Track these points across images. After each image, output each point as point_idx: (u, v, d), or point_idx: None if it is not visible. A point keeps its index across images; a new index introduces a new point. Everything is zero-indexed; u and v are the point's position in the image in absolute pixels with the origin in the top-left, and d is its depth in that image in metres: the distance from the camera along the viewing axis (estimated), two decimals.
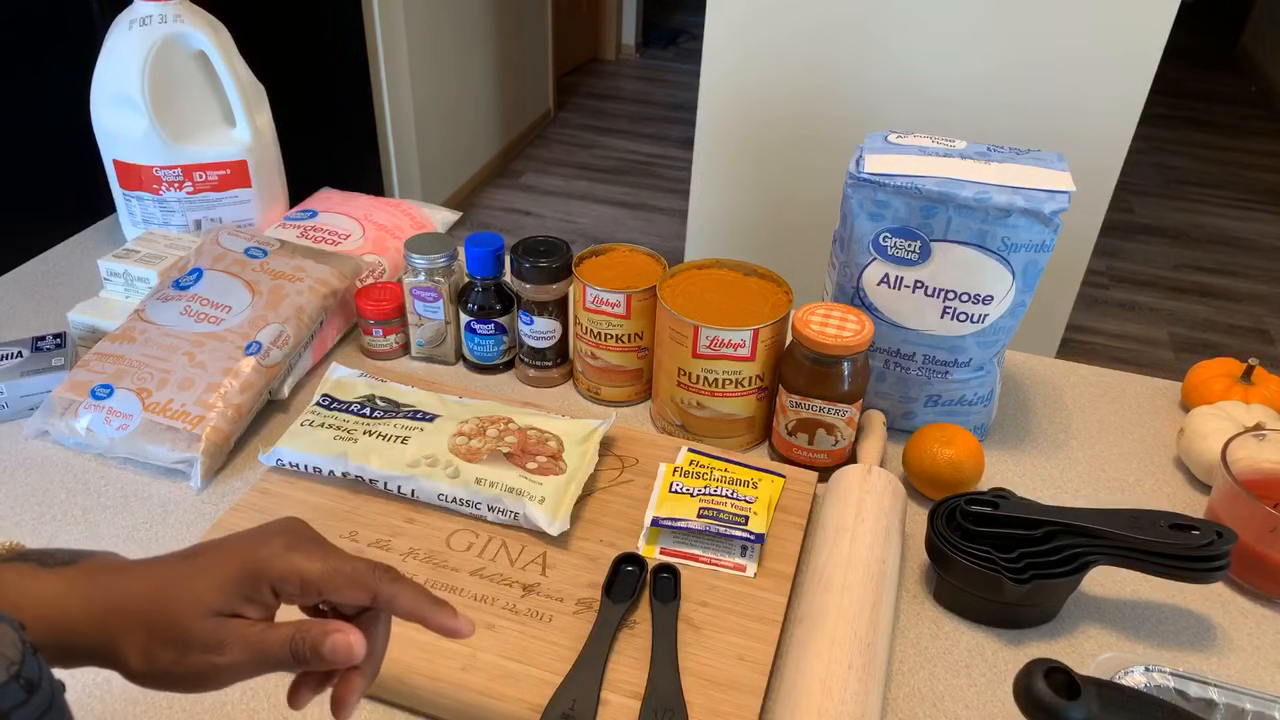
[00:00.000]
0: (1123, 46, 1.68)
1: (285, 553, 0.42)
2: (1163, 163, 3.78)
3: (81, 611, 0.40)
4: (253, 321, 0.85)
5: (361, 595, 0.43)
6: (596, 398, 0.92)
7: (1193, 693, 0.60)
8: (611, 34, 4.67)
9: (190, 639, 0.40)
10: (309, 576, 0.42)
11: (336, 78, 2.62)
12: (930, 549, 0.71)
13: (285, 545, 0.42)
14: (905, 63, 1.81)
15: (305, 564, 0.42)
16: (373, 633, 0.45)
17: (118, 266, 0.96)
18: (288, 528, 0.44)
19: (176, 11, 0.99)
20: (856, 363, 0.78)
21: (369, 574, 0.43)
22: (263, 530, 0.44)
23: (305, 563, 0.42)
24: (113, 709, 0.61)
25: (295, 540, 0.43)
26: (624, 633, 0.64)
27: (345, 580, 0.42)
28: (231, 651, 0.40)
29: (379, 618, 0.46)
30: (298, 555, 0.42)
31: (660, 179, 3.54)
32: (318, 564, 0.42)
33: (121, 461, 0.81)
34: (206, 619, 0.40)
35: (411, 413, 0.80)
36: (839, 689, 0.58)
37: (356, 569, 0.43)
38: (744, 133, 1.97)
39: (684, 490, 0.75)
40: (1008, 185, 0.76)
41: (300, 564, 0.42)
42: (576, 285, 0.87)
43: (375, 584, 0.43)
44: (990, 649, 0.68)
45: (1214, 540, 0.65)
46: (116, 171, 1.04)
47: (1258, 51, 4.86)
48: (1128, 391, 0.97)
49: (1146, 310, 2.82)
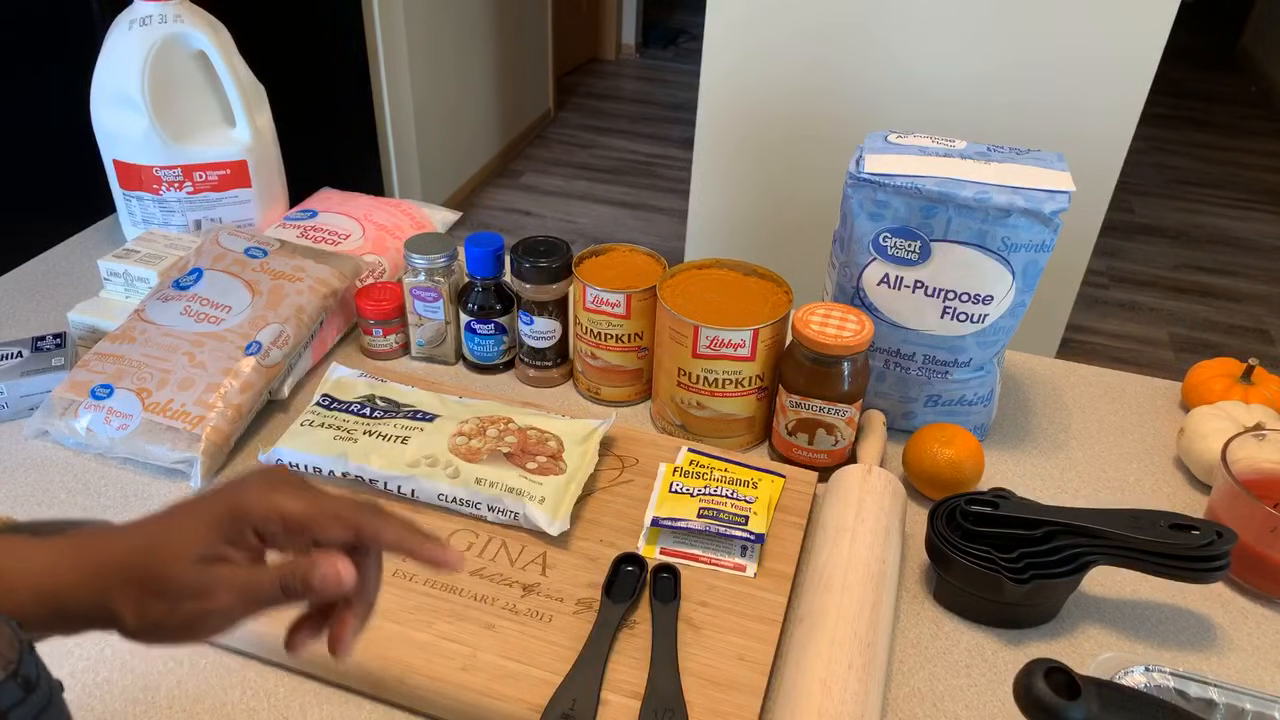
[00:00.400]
0: (1123, 46, 1.68)
1: (266, 493, 0.42)
2: (1163, 163, 3.78)
3: (73, 576, 0.40)
4: (253, 321, 0.85)
5: (345, 531, 0.43)
6: (596, 398, 0.92)
7: (1193, 693, 0.60)
8: (611, 34, 4.67)
9: (180, 588, 0.40)
10: (290, 514, 0.42)
11: (336, 78, 2.62)
12: (930, 549, 0.71)
13: (266, 487, 0.43)
14: (905, 63, 1.81)
15: (286, 502, 0.42)
16: (363, 569, 0.45)
17: (118, 266, 0.96)
18: (268, 472, 0.44)
19: (176, 11, 0.99)
20: (856, 363, 0.78)
21: (352, 509, 0.43)
22: (243, 476, 0.44)
23: (286, 501, 0.42)
24: (113, 709, 0.61)
25: (276, 482, 0.43)
26: (624, 633, 0.64)
27: (327, 517, 0.42)
28: (221, 595, 0.40)
29: (369, 555, 0.46)
30: (279, 495, 0.42)
31: (660, 179, 3.54)
32: (299, 502, 0.42)
33: (121, 461, 0.81)
34: (193, 566, 0.40)
35: (411, 413, 0.80)
36: (839, 689, 0.58)
37: (339, 505, 0.43)
38: (744, 133, 1.98)
39: (684, 490, 0.75)
40: (1008, 185, 0.76)
41: (281, 503, 0.42)
42: (576, 285, 0.87)
43: (358, 518, 0.43)
44: (990, 649, 0.68)
45: (1214, 540, 0.65)
46: (116, 171, 1.04)
47: (1258, 51, 4.86)
48: (1128, 391, 0.97)
49: (1146, 310, 2.82)
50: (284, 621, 0.61)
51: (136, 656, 0.64)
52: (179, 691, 0.62)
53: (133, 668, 0.64)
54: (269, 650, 0.64)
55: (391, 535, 0.44)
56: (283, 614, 0.64)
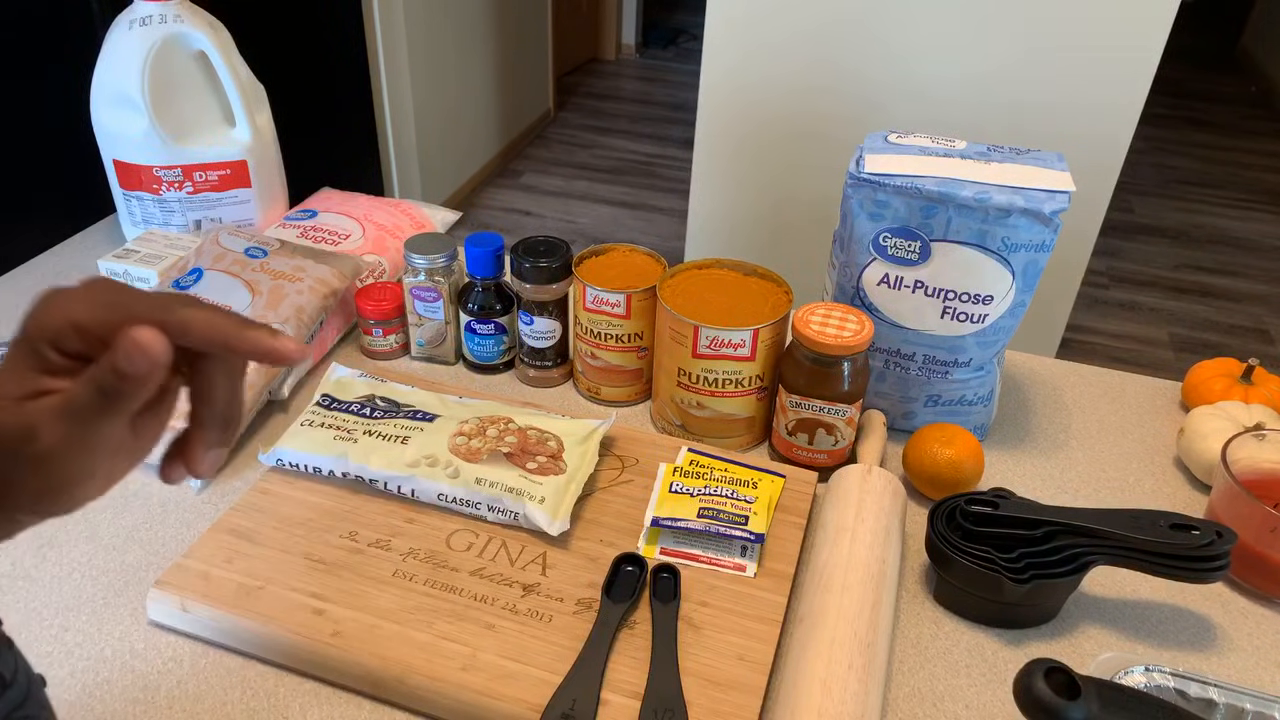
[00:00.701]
0: (1123, 46, 1.68)
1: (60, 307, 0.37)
2: (1163, 163, 3.78)
3: None
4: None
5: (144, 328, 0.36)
6: (596, 398, 0.92)
7: (1193, 693, 0.60)
8: (611, 34, 4.67)
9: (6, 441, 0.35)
10: (83, 322, 0.36)
11: (336, 78, 2.62)
12: (930, 549, 0.71)
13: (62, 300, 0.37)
14: (905, 62, 1.81)
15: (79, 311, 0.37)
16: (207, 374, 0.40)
17: (118, 266, 0.96)
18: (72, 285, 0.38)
19: (176, 11, 0.99)
20: (856, 363, 0.78)
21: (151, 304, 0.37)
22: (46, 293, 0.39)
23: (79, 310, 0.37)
24: (112, 709, 0.61)
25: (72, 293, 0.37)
26: (624, 633, 0.64)
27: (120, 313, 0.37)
28: (48, 428, 0.35)
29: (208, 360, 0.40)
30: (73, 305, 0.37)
31: (660, 179, 3.54)
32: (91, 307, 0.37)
33: None
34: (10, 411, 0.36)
35: (411, 413, 0.80)
36: (839, 689, 0.58)
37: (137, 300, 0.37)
38: (744, 132, 1.97)
39: (684, 490, 0.75)
40: (1008, 185, 0.76)
41: (74, 312, 0.37)
42: (576, 285, 0.87)
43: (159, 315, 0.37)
44: (990, 649, 0.68)
45: (1214, 540, 0.65)
46: (116, 171, 1.04)
47: (1258, 51, 4.87)
48: (1128, 391, 0.97)
49: (1146, 310, 2.82)
50: (284, 621, 0.61)
51: (136, 657, 0.64)
52: (179, 691, 0.62)
53: (133, 668, 0.64)
54: (269, 650, 0.64)
55: (200, 326, 0.37)
56: (283, 614, 0.64)
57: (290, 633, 0.63)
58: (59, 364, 0.37)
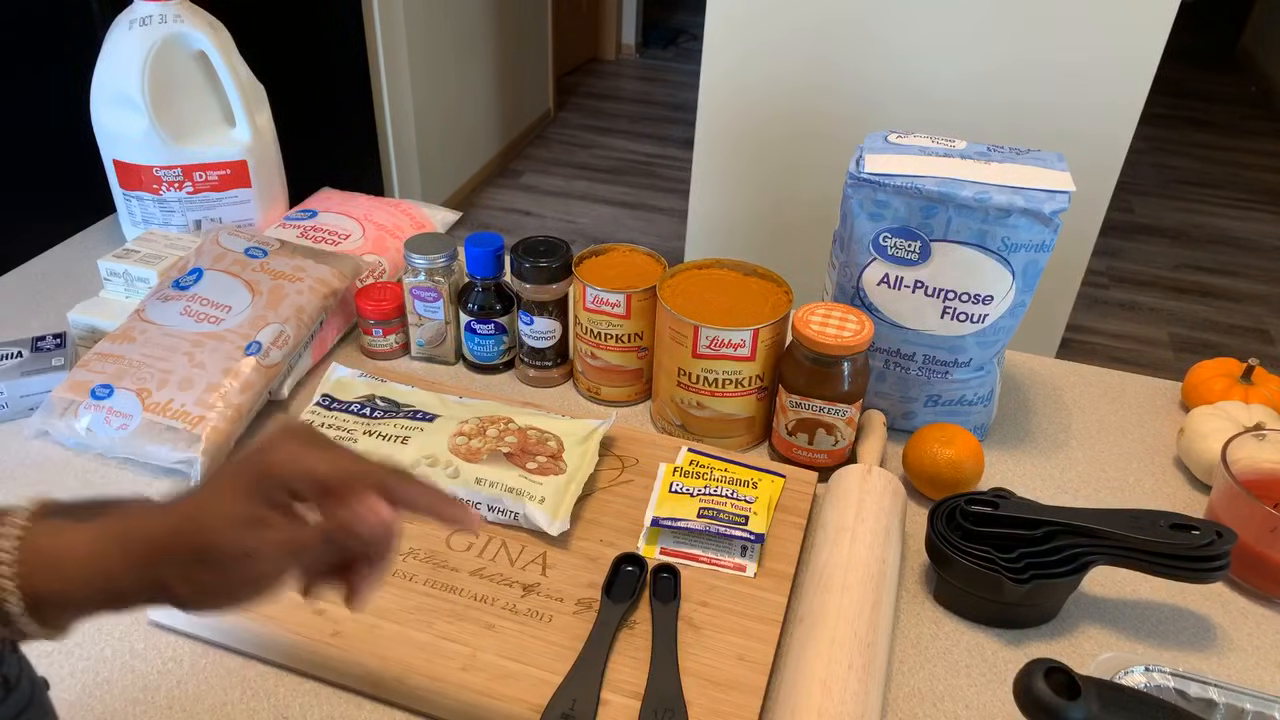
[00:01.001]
0: (1122, 46, 1.68)
1: (295, 454, 0.43)
2: (1163, 163, 3.78)
3: (121, 558, 0.41)
4: (253, 321, 0.85)
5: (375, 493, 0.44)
6: (596, 398, 0.92)
7: (1193, 693, 0.60)
8: (611, 34, 4.67)
9: (224, 555, 0.41)
10: (320, 475, 0.43)
11: (336, 78, 2.62)
12: (930, 549, 0.71)
13: (295, 447, 0.43)
14: (905, 61, 1.81)
15: (315, 463, 0.43)
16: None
17: (118, 266, 0.96)
18: (294, 431, 0.45)
19: (176, 11, 0.99)
20: (856, 363, 0.78)
21: (381, 471, 0.44)
22: (270, 437, 0.45)
23: (315, 462, 0.43)
24: (113, 709, 0.61)
25: (303, 442, 0.44)
26: (624, 633, 0.64)
27: (357, 478, 0.44)
28: (266, 556, 0.41)
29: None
30: (307, 455, 0.43)
31: (660, 179, 3.54)
32: (327, 463, 0.43)
33: (121, 461, 0.81)
34: (235, 532, 0.41)
35: (411, 413, 0.80)
36: (839, 689, 0.58)
37: (368, 467, 0.44)
38: (744, 131, 1.97)
39: (684, 490, 0.75)
40: (1008, 185, 0.76)
41: (310, 463, 0.43)
42: (576, 285, 0.87)
43: (387, 480, 0.44)
44: (990, 649, 0.68)
45: (1214, 540, 0.65)
46: (116, 171, 1.04)
47: (1258, 51, 4.86)
48: (1128, 391, 0.97)
49: (1146, 310, 2.82)
50: (284, 621, 0.61)
51: (136, 657, 0.64)
52: (179, 691, 0.62)
53: (133, 668, 0.64)
54: (269, 650, 0.64)
55: (424, 500, 0.45)
56: (283, 614, 0.64)
57: (290, 632, 0.63)
58: (282, 502, 0.43)
